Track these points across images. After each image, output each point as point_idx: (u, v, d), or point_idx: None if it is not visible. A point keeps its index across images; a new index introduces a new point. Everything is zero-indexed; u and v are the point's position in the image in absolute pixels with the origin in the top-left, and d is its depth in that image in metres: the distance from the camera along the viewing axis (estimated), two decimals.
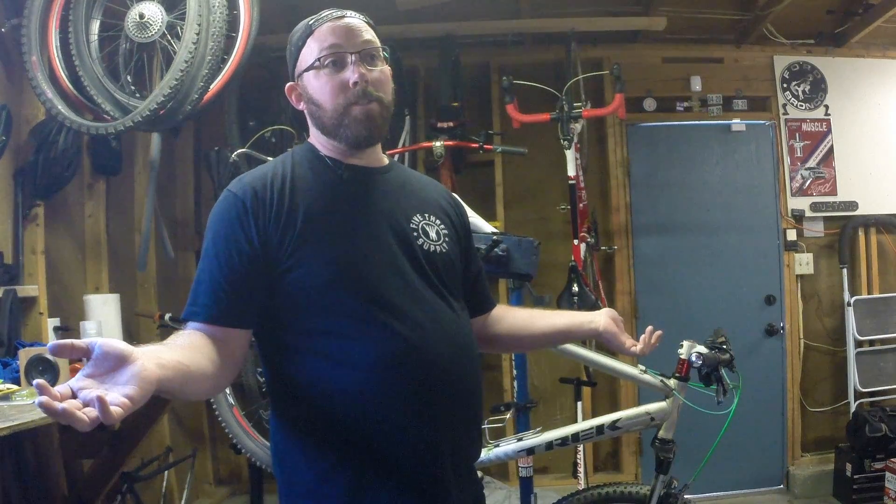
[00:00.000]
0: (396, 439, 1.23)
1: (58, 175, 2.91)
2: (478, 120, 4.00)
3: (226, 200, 1.26)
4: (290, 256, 1.22)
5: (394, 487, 1.23)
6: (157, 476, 3.30)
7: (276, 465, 1.32)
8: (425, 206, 1.40)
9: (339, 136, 1.32)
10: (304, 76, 1.33)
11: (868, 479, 3.70)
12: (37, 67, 2.69)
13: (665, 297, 4.11)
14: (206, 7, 2.57)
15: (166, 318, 3.30)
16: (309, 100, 1.33)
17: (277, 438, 1.30)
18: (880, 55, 4.27)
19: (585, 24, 3.85)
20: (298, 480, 1.26)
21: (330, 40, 1.30)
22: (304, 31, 1.34)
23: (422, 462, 1.25)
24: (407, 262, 1.29)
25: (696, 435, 2.25)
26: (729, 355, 2.04)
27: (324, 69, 1.30)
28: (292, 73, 1.37)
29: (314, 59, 1.30)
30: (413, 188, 1.43)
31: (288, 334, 1.25)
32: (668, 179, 4.18)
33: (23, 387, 2.31)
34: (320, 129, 1.34)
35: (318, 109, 1.32)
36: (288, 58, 1.38)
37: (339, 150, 1.35)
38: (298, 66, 1.34)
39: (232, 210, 1.24)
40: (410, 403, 1.23)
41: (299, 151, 1.38)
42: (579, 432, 2.19)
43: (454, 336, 1.30)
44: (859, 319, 4.00)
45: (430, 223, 1.38)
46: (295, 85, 1.37)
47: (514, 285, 2.55)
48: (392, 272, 1.27)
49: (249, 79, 3.27)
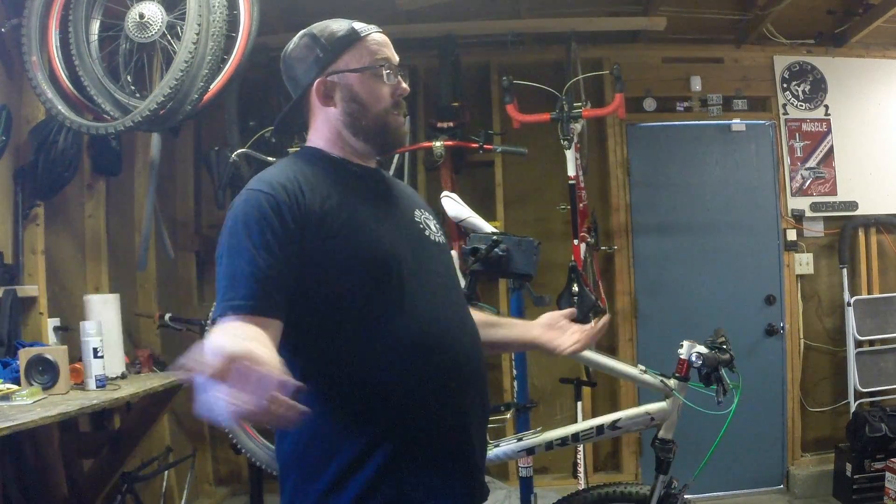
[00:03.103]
0: (434, 418, 1.29)
1: (58, 175, 2.91)
2: (478, 120, 4.00)
3: (256, 198, 1.25)
4: (326, 243, 1.25)
5: (433, 465, 1.28)
6: (157, 476, 3.30)
7: (292, 457, 1.29)
8: (417, 203, 1.50)
9: (375, 140, 1.39)
10: (347, 76, 1.36)
11: (868, 479, 3.70)
12: (37, 67, 2.69)
13: (665, 297, 4.11)
14: (206, 7, 2.57)
15: (166, 318, 3.30)
16: (352, 99, 1.36)
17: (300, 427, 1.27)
18: (880, 55, 4.28)
19: (585, 24, 3.86)
20: (331, 462, 1.24)
21: (385, 52, 1.39)
22: (348, 34, 1.37)
23: (457, 440, 1.32)
24: (424, 252, 1.38)
25: (696, 435, 2.25)
26: (729, 355, 2.03)
27: (377, 75, 1.36)
28: (318, 69, 1.37)
29: (369, 63, 1.36)
30: (401, 188, 1.53)
31: (326, 320, 1.26)
32: (668, 179, 4.18)
33: (23, 387, 2.31)
34: (354, 129, 1.37)
35: (361, 110, 1.36)
36: (309, 53, 1.38)
37: (352, 151, 1.40)
38: (337, 65, 1.36)
39: (265, 205, 1.24)
40: (445, 384, 1.30)
41: (304, 153, 1.41)
42: (579, 432, 2.18)
43: (467, 322, 1.41)
44: (859, 319, 4.00)
45: (429, 217, 1.47)
46: (326, 81, 1.37)
47: (514, 285, 2.55)
48: (416, 259, 1.34)
49: (249, 79, 3.27)
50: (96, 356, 2.53)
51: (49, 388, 2.37)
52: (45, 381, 2.37)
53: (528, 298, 2.60)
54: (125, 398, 2.51)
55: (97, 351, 2.53)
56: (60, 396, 2.35)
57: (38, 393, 2.30)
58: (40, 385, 2.35)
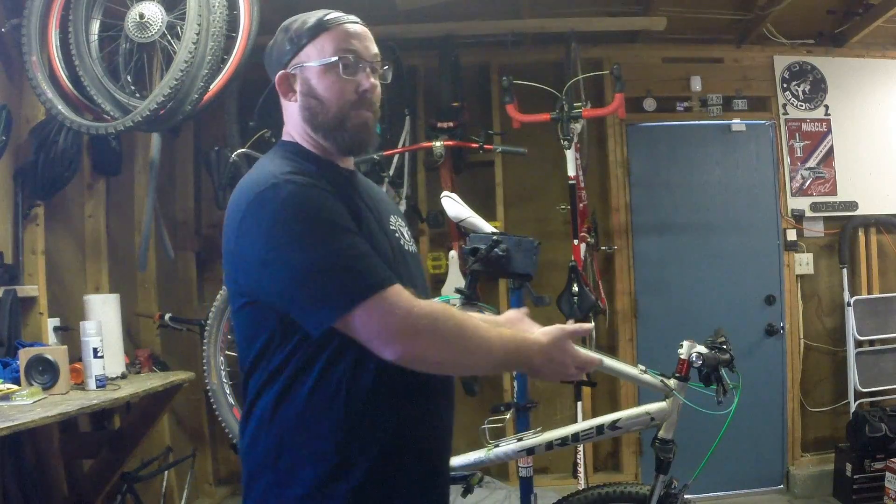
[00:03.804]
0: (419, 427, 1.30)
1: (58, 175, 2.91)
2: (478, 120, 4.00)
3: (302, 187, 1.21)
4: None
5: (416, 470, 1.30)
6: (157, 476, 3.30)
7: (269, 459, 1.25)
8: (392, 209, 1.47)
9: (334, 138, 1.33)
10: (308, 70, 1.31)
11: (868, 479, 3.70)
12: (37, 67, 2.69)
13: (665, 297, 4.11)
14: (206, 7, 2.57)
15: (166, 318, 3.30)
16: (309, 94, 1.32)
17: (281, 429, 1.24)
18: (880, 55, 4.28)
19: (585, 24, 3.86)
20: (311, 468, 1.22)
21: (348, 44, 1.31)
22: (315, 25, 1.32)
23: (436, 448, 1.35)
24: (404, 263, 1.35)
25: (696, 435, 2.25)
26: (729, 355, 2.03)
27: (336, 70, 1.30)
28: (285, 61, 1.34)
29: (329, 57, 1.30)
30: (377, 192, 1.48)
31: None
32: (668, 179, 4.18)
33: (23, 387, 2.31)
34: (313, 125, 1.33)
35: (320, 106, 1.31)
36: (280, 45, 1.35)
37: (322, 149, 1.35)
38: (300, 58, 1.32)
39: (314, 188, 1.21)
40: (429, 391, 1.31)
41: (291, 150, 1.35)
42: (579, 432, 2.18)
43: None
44: (859, 319, 4.00)
45: (402, 225, 1.44)
46: (288, 74, 1.34)
47: (514, 285, 2.55)
48: (397, 272, 1.29)
49: (249, 79, 3.26)
50: (96, 356, 2.53)
51: (49, 388, 2.37)
52: (45, 381, 2.38)
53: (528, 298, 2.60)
54: (125, 398, 2.51)
55: (97, 351, 2.53)
56: (60, 396, 2.35)
57: (38, 393, 2.30)
58: (40, 385, 2.35)
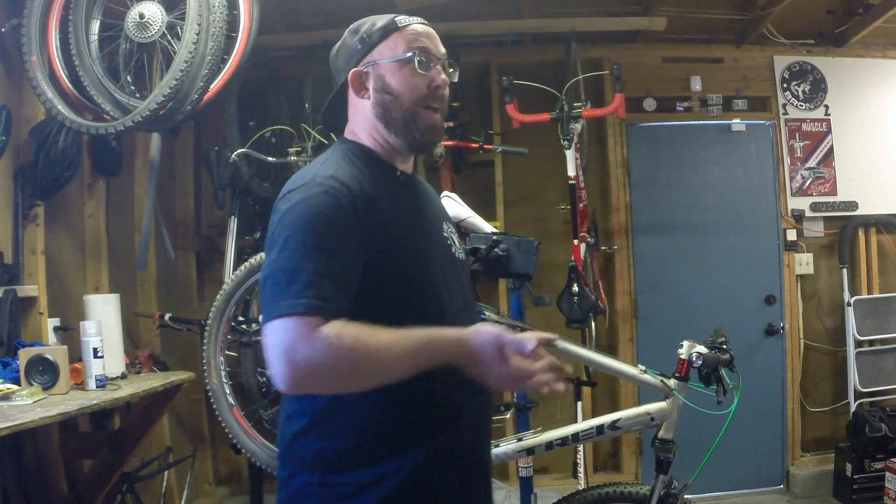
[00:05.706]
0: (461, 426, 1.34)
1: (58, 175, 2.91)
2: (478, 120, 4.00)
3: (327, 194, 1.22)
4: (376, 257, 1.25)
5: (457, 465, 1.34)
6: (157, 476, 3.30)
7: (316, 460, 1.28)
8: (443, 215, 1.51)
9: (403, 133, 1.36)
10: (381, 66, 1.35)
11: (868, 479, 3.70)
12: (37, 67, 2.69)
13: (665, 297, 4.11)
14: (206, 7, 2.57)
15: (166, 318, 3.30)
16: (384, 89, 1.35)
17: (329, 431, 1.26)
18: (880, 55, 4.28)
19: (585, 24, 3.85)
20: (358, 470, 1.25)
21: (422, 42, 1.37)
22: (386, 26, 1.37)
23: (474, 448, 1.39)
24: (452, 271, 1.40)
25: (696, 435, 2.26)
26: (729, 355, 2.04)
27: (411, 65, 1.34)
28: (356, 60, 1.37)
29: (404, 53, 1.34)
30: (431, 196, 1.51)
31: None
32: (668, 179, 4.18)
33: (23, 387, 2.31)
34: (385, 121, 1.36)
35: (394, 100, 1.35)
36: (350, 45, 1.39)
37: (389, 148, 1.38)
38: (372, 56, 1.36)
39: (340, 201, 1.22)
40: (472, 404, 1.36)
41: (350, 148, 1.38)
42: (579, 432, 2.18)
43: None
44: (859, 319, 4.00)
45: (453, 231, 1.48)
46: (361, 72, 1.37)
47: (514, 285, 2.55)
48: (446, 279, 1.35)
49: (249, 79, 3.27)
50: (96, 356, 2.53)
51: (49, 388, 2.37)
52: (45, 381, 2.37)
53: (528, 298, 2.60)
54: (125, 398, 2.51)
55: (97, 351, 2.53)
56: (60, 396, 2.35)
57: (38, 393, 2.29)
58: (40, 385, 2.35)
